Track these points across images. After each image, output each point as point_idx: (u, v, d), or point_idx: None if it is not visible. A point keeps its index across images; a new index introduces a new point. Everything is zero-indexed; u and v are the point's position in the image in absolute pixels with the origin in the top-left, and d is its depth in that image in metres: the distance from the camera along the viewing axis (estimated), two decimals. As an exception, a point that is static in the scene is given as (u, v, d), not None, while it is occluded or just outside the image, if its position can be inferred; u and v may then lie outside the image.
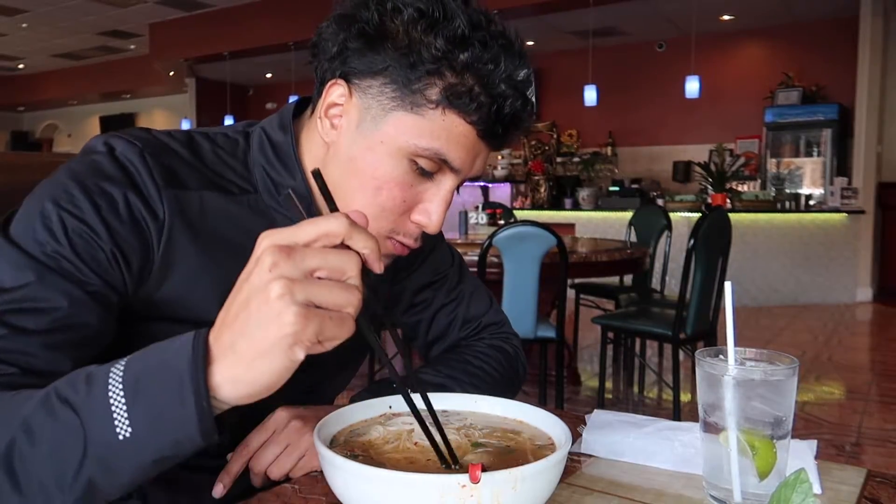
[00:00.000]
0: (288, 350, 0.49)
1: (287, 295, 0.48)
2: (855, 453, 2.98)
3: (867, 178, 7.12)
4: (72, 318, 0.64)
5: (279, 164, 0.80)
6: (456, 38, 0.70)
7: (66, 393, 0.53)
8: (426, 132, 0.71)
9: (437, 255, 1.01)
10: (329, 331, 0.50)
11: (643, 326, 3.20)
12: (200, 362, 0.50)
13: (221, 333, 0.51)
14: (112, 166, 0.70)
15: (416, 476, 0.52)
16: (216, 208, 0.76)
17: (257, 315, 0.49)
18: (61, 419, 0.52)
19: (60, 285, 0.64)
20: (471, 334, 1.02)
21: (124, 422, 0.50)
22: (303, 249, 0.50)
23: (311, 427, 0.73)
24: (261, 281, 0.49)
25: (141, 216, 0.70)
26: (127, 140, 0.72)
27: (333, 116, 0.76)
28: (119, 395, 0.51)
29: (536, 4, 7.16)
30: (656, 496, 0.66)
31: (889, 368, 4.51)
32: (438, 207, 0.76)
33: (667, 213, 4.42)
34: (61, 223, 0.66)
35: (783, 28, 8.36)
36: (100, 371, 0.53)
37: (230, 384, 0.51)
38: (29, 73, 13.77)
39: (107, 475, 0.52)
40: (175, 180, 0.73)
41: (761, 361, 0.66)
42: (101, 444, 0.51)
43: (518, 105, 0.73)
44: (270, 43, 9.05)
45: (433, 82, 0.70)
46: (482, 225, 4.31)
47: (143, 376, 0.51)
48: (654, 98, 9.09)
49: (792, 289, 7.00)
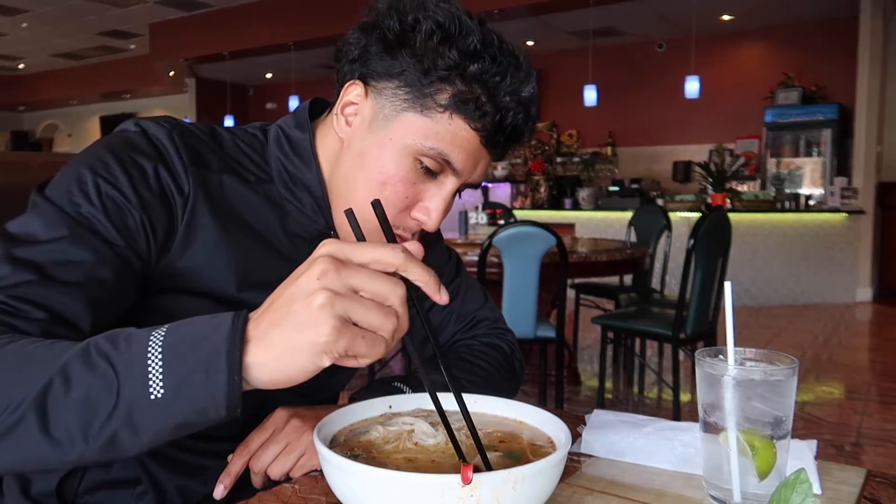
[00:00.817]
0: (316, 356, 0.52)
1: (328, 307, 0.51)
2: (855, 453, 2.98)
3: (867, 178, 7.12)
4: (96, 271, 0.68)
5: (295, 157, 0.85)
6: (469, 51, 0.76)
7: (106, 348, 0.55)
8: (433, 133, 0.77)
9: (433, 251, 1.02)
10: (359, 348, 0.52)
11: (643, 326, 3.20)
12: (238, 338, 0.53)
13: (261, 320, 0.54)
14: (144, 143, 0.76)
15: (416, 476, 0.52)
16: (234, 191, 0.81)
17: (297, 317, 0.52)
18: (98, 371, 0.54)
19: (91, 242, 0.68)
20: (465, 328, 1.03)
21: (158, 383, 0.53)
22: (354, 267, 0.53)
23: (311, 426, 0.74)
24: (308, 286, 0.52)
25: (169, 189, 0.75)
26: (157, 123, 0.79)
27: (349, 115, 0.82)
28: (157, 357, 0.53)
29: (536, 4, 7.16)
30: (656, 496, 0.66)
31: (889, 368, 4.51)
32: (438, 206, 0.81)
33: (667, 213, 4.42)
34: (96, 188, 0.70)
35: (783, 28, 8.36)
36: (141, 332, 0.56)
37: (256, 367, 0.53)
38: (29, 73, 13.77)
39: (130, 432, 0.54)
40: (199, 160, 0.78)
41: (761, 361, 0.66)
42: (132, 401, 0.53)
43: (520, 118, 0.79)
44: (270, 43, 9.06)
45: (444, 88, 0.76)
46: (482, 225, 4.31)
47: (182, 343, 0.54)
48: (654, 98, 9.09)
49: (792, 289, 7.00)
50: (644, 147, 9.27)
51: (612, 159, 9.27)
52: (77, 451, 0.54)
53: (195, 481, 0.84)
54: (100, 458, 0.55)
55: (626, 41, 9.25)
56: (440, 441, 0.64)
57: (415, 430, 0.65)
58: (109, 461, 0.57)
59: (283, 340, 0.52)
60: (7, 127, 15.80)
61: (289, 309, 0.52)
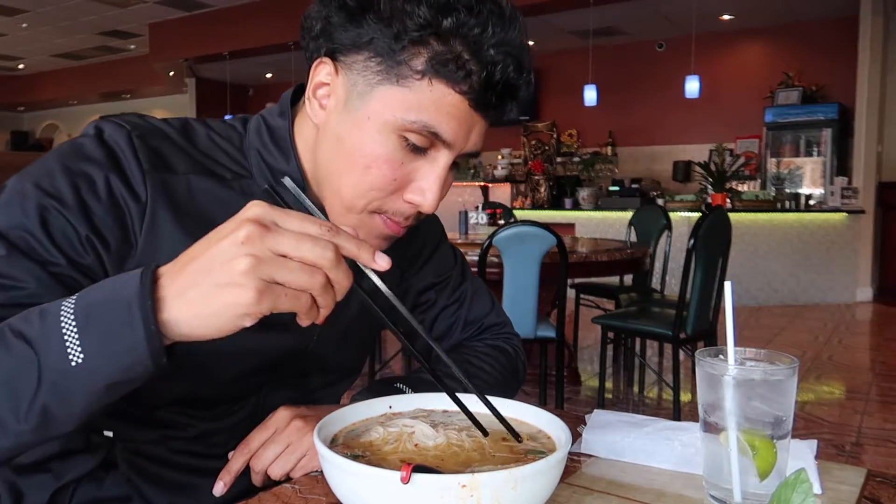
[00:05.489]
0: (237, 318, 0.52)
1: (251, 273, 0.50)
2: (855, 453, 2.98)
3: (867, 178, 7.12)
4: (33, 298, 0.64)
5: (274, 148, 0.79)
6: (440, 4, 0.67)
7: (21, 327, 0.55)
8: (414, 105, 0.69)
9: (440, 256, 1.00)
10: (283, 305, 0.52)
11: (643, 326, 3.20)
12: (148, 289, 0.52)
13: (178, 275, 0.53)
14: (97, 149, 0.71)
15: (415, 476, 0.52)
16: (205, 192, 0.75)
17: (217, 278, 0.51)
18: (16, 351, 0.54)
19: (25, 265, 0.65)
20: (472, 335, 1.02)
21: (76, 348, 0.52)
22: (280, 231, 0.52)
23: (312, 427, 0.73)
24: (231, 249, 0.51)
25: (121, 196, 0.70)
26: (116, 123, 0.74)
27: (321, 97, 0.75)
28: (71, 324, 0.53)
29: (536, 4, 7.16)
30: (656, 496, 0.66)
31: (889, 368, 4.51)
32: (433, 185, 0.72)
33: (667, 213, 4.41)
34: (37, 204, 0.67)
35: (783, 28, 8.36)
36: (52, 305, 0.55)
37: (173, 323, 0.53)
38: (29, 73, 13.77)
39: (61, 402, 0.54)
40: (161, 164, 0.73)
41: (761, 361, 0.66)
42: (54, 372, 0.53)
43: (511, 71, 0.69)
44: (270, 43, 9.05)
45: (418, 52, 0.68)
46: (482, 225, 4.31)
47: (93, 305, 0.53)
48: (654, 98, 9.09)
49: (792, 289, 6.99)
50: (644, 147, 9.27)
51: (612, 159, 9.26)
52: (13, 433, 0.54)
53: (187, 500, 0.82)
54: (39, 438, 0.55)
55: (626, 41, 9.24)
56: (440, 442, 0.64)
57: (415, 432, 0.65)
58: (51, 439, 0.57)
59: (201, 300, 0.52)
60: (7, 127, 15.80)
61: (209, 269, 0.51)
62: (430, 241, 0.99)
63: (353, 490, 0.54)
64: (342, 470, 0.54)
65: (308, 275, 0.52)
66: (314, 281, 0.52)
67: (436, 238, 1.00)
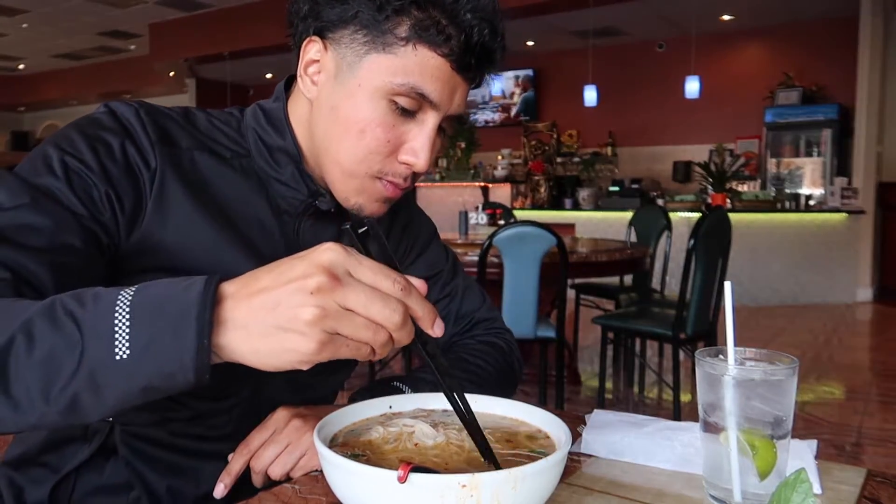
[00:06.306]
0: (294, 363, 0.52)
1: (316, 325, 0.50)
2: (855, 453, 2.98)
3: (867, 178, 7.12)
4: (58, 237, 0.67)
5: (269, 127, 0.84)
6: None
7: (72, 306, 0.53)
8: (400, 69, 0.74)
9: (432, 251, 1.02)
10: (343, 354, 0.53)
11: (643, 326, 3.20)
12: (209, 301, 0.51)
13: (243, 303, 0.52)
14: (111, 121, 0.76)
15: (416, 476, 0.52)
16: (208, 167, 0.80)
17: (282, 322, 0.51)
18: (62, 330, 0.52)
19: (52, 210, 0.68)
20: (464, 330, 1.03)
21: (124, 343, 0.51)
22: (351, 285, 0.51)
23: (312, 426, 0.74)
24: (299, 297, 0.50)
25: (135, 162, 0.74)
26: (125, 103, 0.78)
27: (313, 73, 0.79)
28: (125, 316, 0.52)
29: (536, 4, 7.16)
30: (656, 496, 0.66)
31: (889, 368, 4.51)
32: (424, 144, 0.77)
33: (667, 213, 4.42)
34: (61, 162, 0.70)
35: (783, 28, 8.36)
36: (109, 291, 0.54)
37: (228, 350, 0.53)
38: (29, 73, 13.77)
39: (93, 394, 0.52)
40: (167, 138, 0.77)
41: (761, 361, 0.66)
42: (95, 361, 0.51)
43: (486, 34, 0.75)
44: (270, 43, 9.04)
45: (401, 21, 0.73)
46: (482, 225, 4.30)
47: (150, 303, 0.52)
48: (654, 98, 9.09)
49: (792, 289, 6.99)
50: (644, 147, 9.27)
51: (612, 159, 9.26)
52: (37, 412, 0.52)
53: (187, 483, 0.83)
54: (61, 422, 0.54)
55: (626, 41, 9.24)
56: (440, 442, 0.64)
57: (415, 432, 0.65)
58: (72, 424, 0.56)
59: (262, 338, 0.51)
60: (7, 127, 15.80)
61: (274, 310, 0.51)
62: (422, 237, 1.02)
63: (353, 490, 0.54)
64: (342, 469, 0.54)
65: (372, 332, 0.52)
66: (377, 338, 0.53)
67: (428, 235, 1.04)
